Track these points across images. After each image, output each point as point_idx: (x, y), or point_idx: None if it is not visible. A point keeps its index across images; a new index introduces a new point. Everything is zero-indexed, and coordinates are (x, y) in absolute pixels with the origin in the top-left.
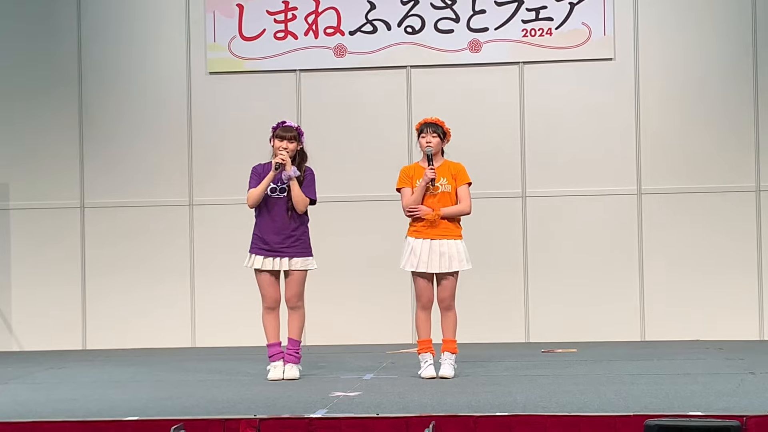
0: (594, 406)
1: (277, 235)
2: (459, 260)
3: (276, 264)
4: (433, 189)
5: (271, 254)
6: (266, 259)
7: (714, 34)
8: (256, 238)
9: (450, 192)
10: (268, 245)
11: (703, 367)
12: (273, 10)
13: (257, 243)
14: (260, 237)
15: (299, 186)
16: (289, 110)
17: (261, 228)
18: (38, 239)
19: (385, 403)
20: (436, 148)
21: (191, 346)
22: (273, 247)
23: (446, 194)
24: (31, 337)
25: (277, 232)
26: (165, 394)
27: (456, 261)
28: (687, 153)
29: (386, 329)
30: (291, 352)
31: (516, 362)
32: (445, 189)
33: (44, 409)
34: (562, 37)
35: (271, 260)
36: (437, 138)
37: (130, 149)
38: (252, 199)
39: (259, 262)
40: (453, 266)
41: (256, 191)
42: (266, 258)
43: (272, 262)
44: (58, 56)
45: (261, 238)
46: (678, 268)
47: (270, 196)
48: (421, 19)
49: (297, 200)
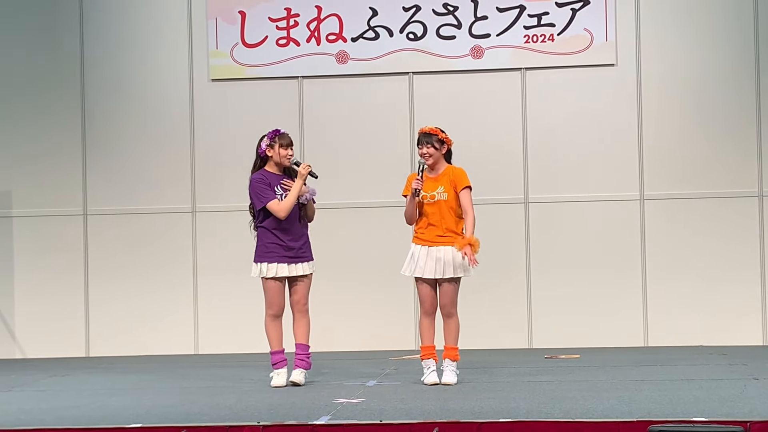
0: (597, 412)
1: (296, 242)
2: (455, 267)
3: (298, 270)
4: (421, 198)
5: (294, 260)
6: (290, 265)
7: (715, 40)
8: (275, 246)
9: (447, 200)
10: (292, 251)
11: (707, 372)
12: (275, 17)
13: (277, 251)
14: (281, 245)
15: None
16: (292, 117)
17: (282, 236)
18: (41, 247)
19: (389, 409)
20: (434, 158)
21: (194, 353)
22: (297, 254)
23: (443, 202)
24: (35, 344)
25: (296, 239)
26: (168, 401)
27: (451, 268)
28: (689, 158)
29: (390, 336)
30: (302, 357)
31: (519, 368)
32: (441, 197)
33: (48, 416)
34: (564, 43)
35: (294, 266)
36: (431, 148)
37: (133, 156)
38: (285, 210)
39: (284, 270)
40: (447, 273)
41: (288, 203)
42: (290, 265)
43: (294, 268)
44: (60, 63)
45: (283, 246)
46: (681, 273)
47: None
48: (423, 25)
49: (312, 212)
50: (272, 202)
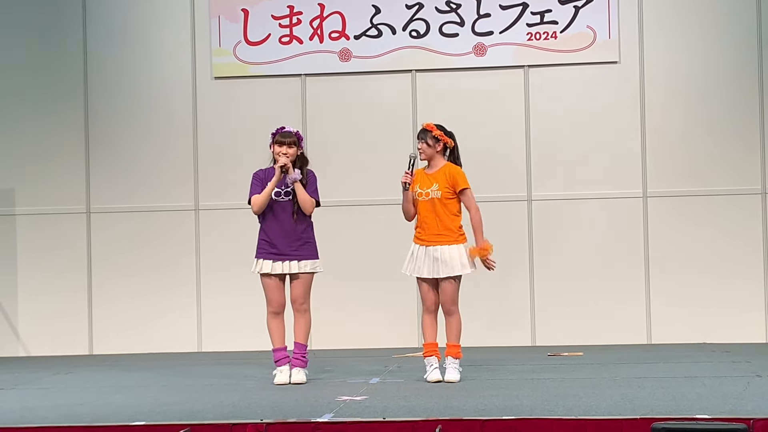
0: (600, 409)
1: (285, 239)
2: (452, 266)
3: (285, 267)
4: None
5: (280, 258)
6: (275, 263)
7: (719, 36)
8: (264, 243)
9: (440, 198)
10: (277, 249)
11: (710, 370)
12: (278, 15)
13: (264, 248)
14: (268, 242)
15: (303, 189)
16: (295, 115)
17: (268, 233)
18: (44, 245)
19: (392, 407)
20: (427, 155)
21: (197, 350)
22: (282, 251)
23: (436, 200)
24: (38, 342)
25: (285, 236)
26: (172, 398)
27: (447, 267)
28: (692, 156)
29: (392, 333)
30: (298, 356)
31: (522, 366)
32: (434, 195)
33: (51, 414)
34: (566, 41)
35: (280, 264)
36: (424, 144)
37: (136, 154)
38: (257, 205)
39: (267, 267)
40: (442, 272)
41: (261, 197)
42: (275, 262)
43: (281, 265)
44: (63, 62)
45: (269, 243)
46: (684, 271)
47: (276, 200)
48: (425, 23)
49: (303, 202)
50: (254, 196)
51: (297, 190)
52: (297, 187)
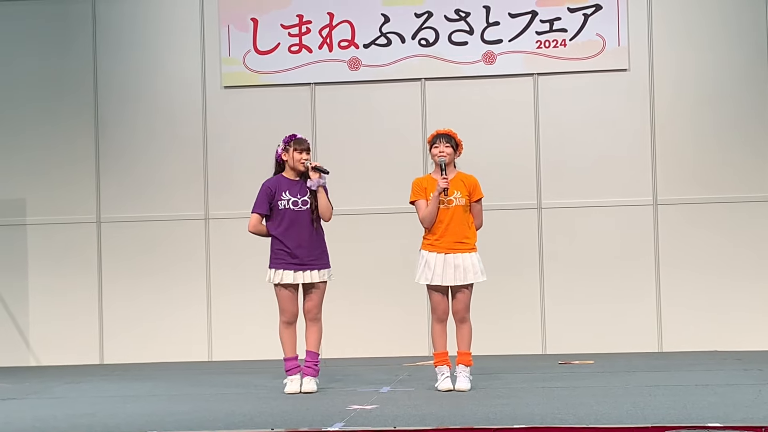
0: (612, 417)
1: (306, 249)
2: (474, 272)
3: (306, 277)
4: (447, 202)
5: (300, 267)
6: (296, 273)
7: (728, 44)
8: (282, 252)
9: (464, 205)
10: (298, 259)
11: (721, 377)
12: (287, 24)
13: (283, 258)
14: (287, 252)
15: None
16: (304, 123)
17: (287, 242)
18: (55, 254)
19: (402, 415)
20: (449, 159)
21: (208, 359)
22: (303, 261)
23: (459, 207)
24: (49, 351)
25: (305, 246)
26: (182, 408)
27: (471, 273)
28: (702, 163)
29: (403, 342)
30: (310, 365)
31: (533, 374)
32: (458, 203)
33: (63, 424)
34: (576, 49)
35: (301, 273)
36: (450, 148)
37: (146, 163)
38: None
39: (289, 277)
40: (468, 279)
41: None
42: (296, 272)
43: (302, 275)
44: (73, 71)
45: (288, 253)
46: (694, 278)
47: (292, 209)
48: (435, 31)
49: (325, 208)
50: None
51: (319, 196)
52: (320, 192)
